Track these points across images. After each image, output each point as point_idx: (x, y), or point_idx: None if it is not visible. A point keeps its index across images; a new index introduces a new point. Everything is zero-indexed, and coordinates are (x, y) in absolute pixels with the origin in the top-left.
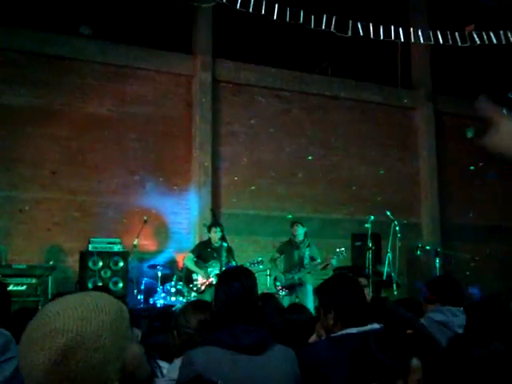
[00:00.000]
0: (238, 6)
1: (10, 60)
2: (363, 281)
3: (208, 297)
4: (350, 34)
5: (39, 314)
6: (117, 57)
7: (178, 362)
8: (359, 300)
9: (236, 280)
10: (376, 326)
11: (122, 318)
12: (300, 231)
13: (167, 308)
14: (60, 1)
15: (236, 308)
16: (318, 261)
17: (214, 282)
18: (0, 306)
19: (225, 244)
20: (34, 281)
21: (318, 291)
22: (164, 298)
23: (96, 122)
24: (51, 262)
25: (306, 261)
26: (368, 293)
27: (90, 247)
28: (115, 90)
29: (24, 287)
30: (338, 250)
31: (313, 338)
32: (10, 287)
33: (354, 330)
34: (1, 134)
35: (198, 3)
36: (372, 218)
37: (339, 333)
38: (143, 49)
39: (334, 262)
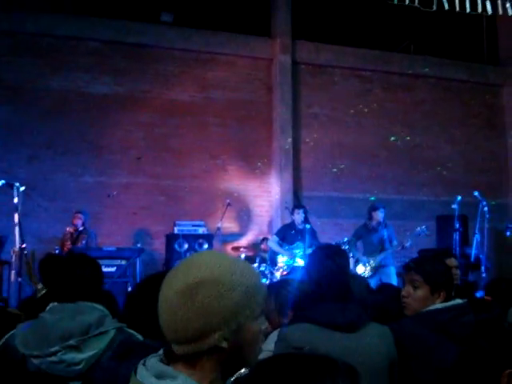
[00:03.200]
0: None
1: (92, 49)
2: (454, 262)
3: (293, 278)
4: (434, 8)
5: (195, 253)
6: (197, 43)
7: (274, 334)
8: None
9: (329, 258)
10: (459, 301)
11: (258, 292)
12: (383, 215)
13: None
14: None
15: (329, 286)
16: (395, 243)
17: (300, 264)
18: (94, 281)
19: (308, 226)
20: (123, 262)
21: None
22: None
23: (178, 107)
24: (139, 245)
25: (386, 243)
26: (458, 274)
27: (176, 230)
28: (196, 75)
29: (114, 269)
30: (418, 228)
31: None
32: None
33: (438, 306)
34: (87, 122)
35: None
36: (459, 198)
37: (425, 309)
38: (223, 34)
39: (408, 244)
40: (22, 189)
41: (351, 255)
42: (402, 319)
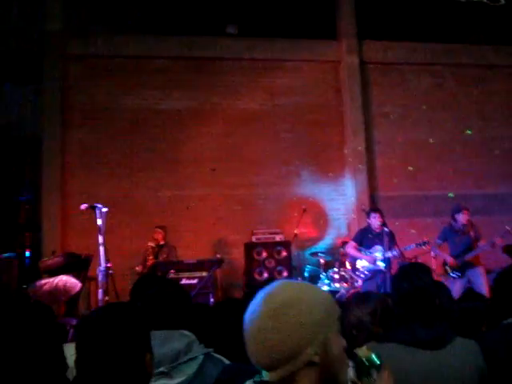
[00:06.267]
0: None
1: (162, 67)
2: None
3: (374, 282)
4: (503, 1)
5: (269, 285)
6: (263, 51)
7: None
8: None
9: (405, 280)
10: None
11: (334, 308)
12: (467, 217)
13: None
14: (205, 4)
15: (409, 307)
16: (482, 243)
17: (381, 268)
18: (184, 310)
19: (386, 229)
20: (204, 274)
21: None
22: (328, 285)
23: (249, 116)
24: (218, 255)
25: (473, 243)
26: None
27: (254, 238)
28: (264, 84)
29: (195, 281)
30: (507, 227)
31: None
32: (183, 281)
33: None
34: (163, 138)
35: None
36: None
37: (508, 320)
38: (288, 40)
39: (499, 242)
40: (105, 210)
41: (434, 255)
42: (488, 332)
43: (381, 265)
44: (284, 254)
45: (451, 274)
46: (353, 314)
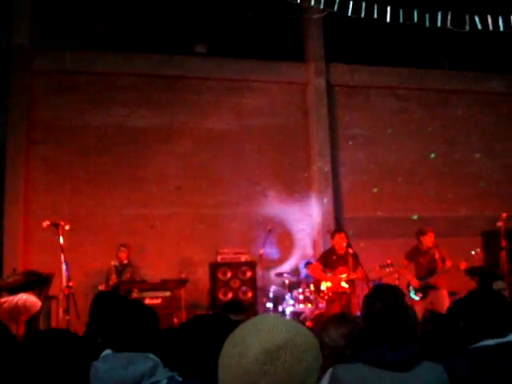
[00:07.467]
0: (349, 13)
1: (130, 84)
2: (500, 284)
3: (338, 304)
4: (467, 28)
5: (256, 317)
6: (231, 71)
7: (328, 372)
8: (491, 312)
9: (379, 299)
10: None
11: (319, 360)
12: (432, 239)
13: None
14: (174, 23)
15: (380, 327)
16: (448, 264)
17: (345, 289)
18: (147, 329)
19: (350, 250)
20: (167, 294)
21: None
22: (293, 306)
23: (215, 136)
24: (183, 275)
25: (437, 264)
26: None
27: (219, 258)
28: (232, 103)
29: (159, 300)
30: (472, 252)
31: None
32: (146, 301)
33: (490, 342)
34: (128, 155)
35: (309, 15)
36: (504, 216)
37: (476, 345)
38: (256, 61)
39: (463, 266)
40: (67, 228)
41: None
42: (453, 356)
43: (345, 286)
44: (249, 274)
45: (413, 296)
46: (328, 336)
